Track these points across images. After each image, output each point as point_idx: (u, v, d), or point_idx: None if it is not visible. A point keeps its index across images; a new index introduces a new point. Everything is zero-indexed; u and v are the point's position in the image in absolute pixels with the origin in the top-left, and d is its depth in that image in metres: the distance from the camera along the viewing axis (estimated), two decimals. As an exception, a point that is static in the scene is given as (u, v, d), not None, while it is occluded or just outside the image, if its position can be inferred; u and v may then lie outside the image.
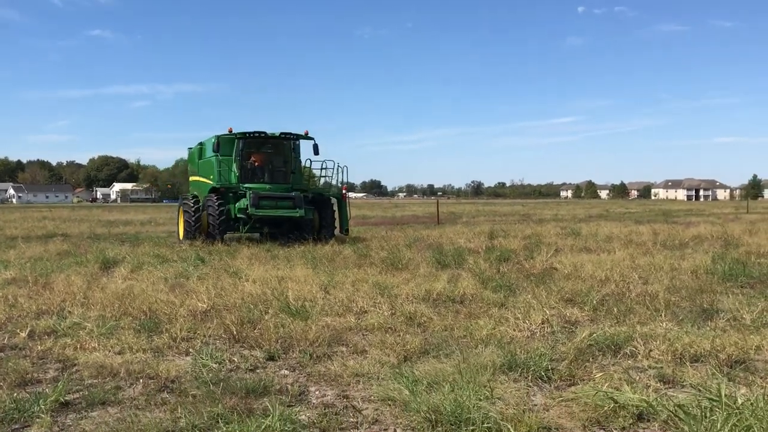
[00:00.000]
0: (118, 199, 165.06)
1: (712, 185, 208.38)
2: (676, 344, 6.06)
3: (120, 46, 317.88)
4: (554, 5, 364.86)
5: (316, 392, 5.17)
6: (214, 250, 15.74)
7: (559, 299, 8.66)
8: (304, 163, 20.57)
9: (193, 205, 19.24)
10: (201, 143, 21.22)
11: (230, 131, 18.79)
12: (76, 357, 6.08)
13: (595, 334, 6.42)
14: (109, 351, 6.26)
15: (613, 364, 5.78)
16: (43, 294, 9.11)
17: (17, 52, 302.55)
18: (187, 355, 6.24)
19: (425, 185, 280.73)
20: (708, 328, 6.98)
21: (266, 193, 18.19)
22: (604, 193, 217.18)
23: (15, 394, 4.95)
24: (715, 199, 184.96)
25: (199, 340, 6.71)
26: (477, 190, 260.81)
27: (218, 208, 18.02)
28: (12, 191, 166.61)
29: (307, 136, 19.28)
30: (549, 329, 7.05)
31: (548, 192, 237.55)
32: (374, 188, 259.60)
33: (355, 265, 12.47)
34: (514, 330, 6.95)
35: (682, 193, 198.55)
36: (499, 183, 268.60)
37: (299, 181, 20.06)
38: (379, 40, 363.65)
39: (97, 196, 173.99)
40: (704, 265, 11.87)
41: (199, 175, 20.94)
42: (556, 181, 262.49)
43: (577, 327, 7.15)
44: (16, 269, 12.05)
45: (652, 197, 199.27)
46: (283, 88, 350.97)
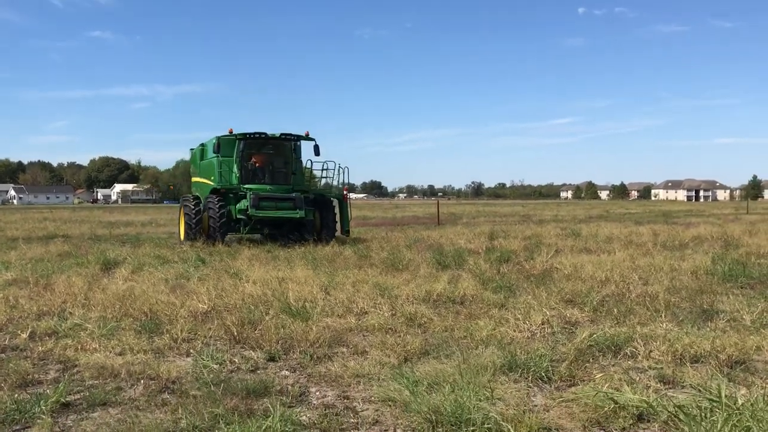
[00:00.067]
0: (119, 200, 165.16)
1: (712, 186, 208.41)
2: (676, 345, 6.06)
3: (120, 47, 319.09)
4: (554, 6, 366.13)
5: (317, 393, 5.18)
6: (214, 251, 15.75)
7: (560, 300, 8.66)
8: (305, 164, 20.56)
9: (194, 206, 19.21)
10: (202, 144, 21.21)
11: (231, 132, 18.75)
12: (77, 358, 6.09)
13: (595, 335, 6.43)
14: (110, 352, 6.27)
15: (614, 365, 5.79)
16: (44, 295, 9.12)
17: (18, 53, 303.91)
18: (187, 356, 6.25)
19: (425, 186, 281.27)
20: (708, 329, 6.98)
21: (266, 194, 18.16)
22: (604, 194, 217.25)
23: (16, 395, 4.96)
24: (715, 199, 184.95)
25: (200, 341, 6.72)
26: (477, 191, 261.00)
27: (219, 209, 17.99)
28: (13, 192, 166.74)
29: (307, 137, 19.21)
30: (549, 330, 7.07)
31: (548, 193, 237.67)
32: (374, 189, 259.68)
33: (356, 265, 12.47)
34: (515, 331, 6.96)
35: (682, 194, 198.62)
36: (500, 184, 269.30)
37: (300, 182, 19.99)
38: (379, 41, 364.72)
39: (98, 197, 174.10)
40: (704, 265, 11.88)
41: (201, 176, 20.93)
42: (557, 182, 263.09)
43: (577, 328, 7.16)
44: (17, 270, 12.07)
45: (652, 198, 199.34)
46: (283, 89, 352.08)
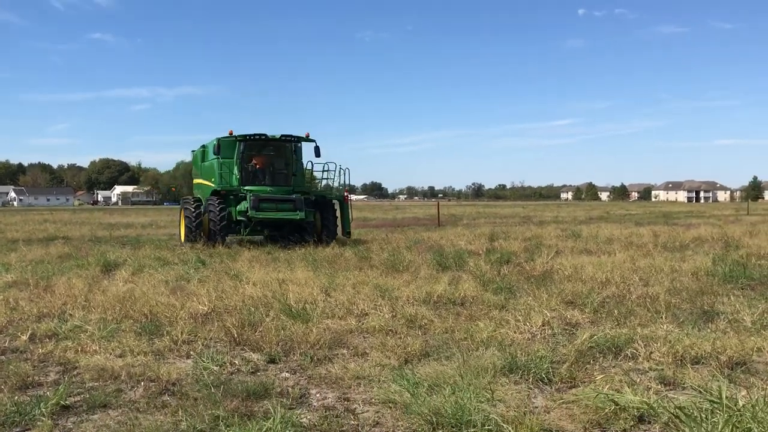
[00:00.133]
0: (119, 202, 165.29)
1: (712, 187, 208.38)
2: (677, 346, 6.06)
3: (121, 50, 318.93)
4: (554, 8, 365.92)
5: (317, 395, 5.17)
6: (214, 253, 15.75)
7: (560, 301, 8.66)
8: (306, 166, 20.55)
9: (194, 208, 19.19)
10: (203, 146, 21.20)
11: (231, 134, 18.74)
12: (77, 360, 6.08)
13: (595, 336, 6.42)
14: (110, 354, 6.26)
15: (614, 366, 5.78)
16: (44, 297, 9.12)
17: (18, 55, 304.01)
18: (188, 358, 6.25)
19: (426, 187, 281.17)
20: (709, 330, 6.97)
21: (266, 196, 18.15)
22: (604, 195, 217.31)
23: (16, 397, 4.96)
24: (715, 200, 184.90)
25: (200, 343, 6.71)
26: (477, 192, 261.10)
27: (219, 211, 17.99)
28: (13, 194, 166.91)
29: (308, 138, 19.20)
30: (549, 331, 7.06)
31: (548, 194, 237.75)
32: (375, 190, 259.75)
33: (356, 267, 12.47)
34: (515, 332, 6.96)
35: (682, 195, 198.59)
36: (500, 185, 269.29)
37: (301, 183, 19.98)
38: (380, 44, 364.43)
39: (98, 199, 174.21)
40: (705, 266, 11.87)
41: (202, 178, 20.94)
42: (557, 183, 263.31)
43: (577, 329, 7.15)
44: (18, 272, 12.07)
45: (653, 199, 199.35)
46: (285, 92, 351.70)
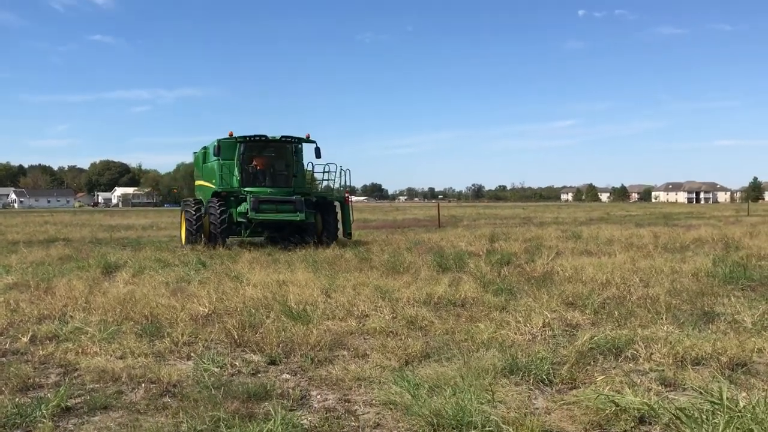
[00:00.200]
0: (120, 204, 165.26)
1: (712, 188, 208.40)
2: (678, 347, 6.06)
3: (121, 51, 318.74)
4: (554, 9, 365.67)
5: (318, 396, 5.17)
6: (215, 254, 15.75)
7: (560, 302, 8.66)
8: (306, 167, 20.55)
9: (195, 210, 19.18)
10: (205, 148, 21.21)
11: (231, 135, 18.73)
12: (78, 362, 6.09)
13: (596, 338, 6.42)
14: (111, 356, 6.27)
15: (615, 368, 5.78)
16: (45, 299, 9.13)
17: (18, 57, 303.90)
18: (188, 360, 6.25)
19: (426, 188, 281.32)
20: (709, 331, 6.97)
21: (266, 197, 18.13)
22: (604, 196, 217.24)
23: (17, 399, 4.96)
24: (715, 201, 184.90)
25: (201, 345, 6.71)
26: (478, 193, 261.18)
27: (220, 213, 17.97)
28: (14, 196, 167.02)
29: (308, 140, 19.20)
30: (550, 332, 7.06)
31: (549, 195, 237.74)
32: (375, 192, 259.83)
33: (356, 268, 12.47)
34: (516, 333, 6.96)
35: (682, 196, 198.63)
36: (500, 186, 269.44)
37: (301, 184, 19.97)
38: (381, 45, 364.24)
39: (99, 201, 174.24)
40: (705, 268, 11.87)
41: (203, 180, 20.95)
42: (557, 184, 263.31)
43: (578, 330, 7.16)
44: (18, 274, 12.08)
45: (653, 200, 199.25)
46: (285, 93, 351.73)
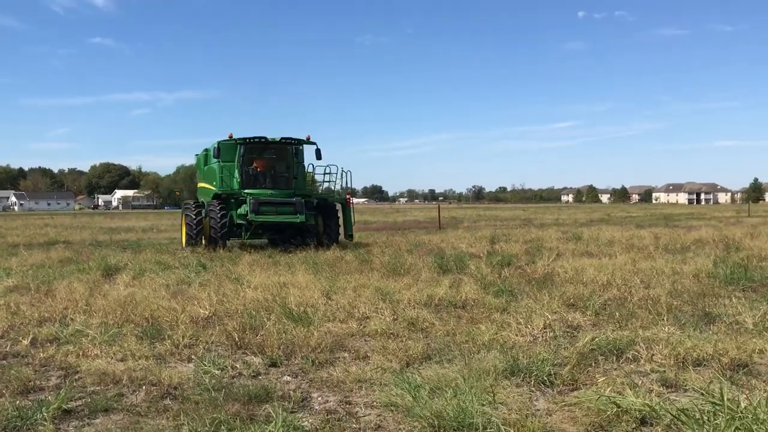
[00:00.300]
0: (120, 206, 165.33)
1: (713, 189, 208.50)
2: (679, 348, 6.05)
3: (121, 54, 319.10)
4: (554, 10, 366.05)
5: (319, 398, 5.17)
6: (215, 257, 15.76)
7: (561, 304, 8.66)
8: (307, 168, 20.54)
9: (195, 213, 19.16)
10: (206, 150, 21.22)
11: (231, 137, 18.72)
12: (79, 364, 6.08)
13: (597, 339, 6.42)
14: (112, 358, 6.26)
15: (616, 369, 5.78)
16: (46, 301, 9.12)
17: (18, 60, 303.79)
18: (189, 362, 6.25)
19: (426, 190, 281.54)
20: (710, 332, 6.96)
21: (266, 199, 18.09)
22: (605, 198, 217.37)
23: (17, 402, 4.96)
24: (716, 202, 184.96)
25: (202, 347, 6.71)
26: (478, 195, 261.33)
27: (220, 216, 17.93)
28: (14, 199, 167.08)
29: (308, 141, 19.18)
30: (551, 334, 7.05)
31: (549, 196, 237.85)
32: (375, 193, 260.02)
33: (357, 270, 12.47)
34: (517, 335, 6.95)
35: (683, 197, 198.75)
36: (500, 188, 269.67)
37: (302, 186, 19.95)
38: (380, 48, 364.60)
39: (99, 203, 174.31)
40: (706, 268, 11.87)
41: (204, 182, 20.98)
42: (557, 186, 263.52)
43: (579, 331, 7.15)
44: (18, 277, 12.07)
45: (653, 201, 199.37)
46: (285, 96, 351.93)
